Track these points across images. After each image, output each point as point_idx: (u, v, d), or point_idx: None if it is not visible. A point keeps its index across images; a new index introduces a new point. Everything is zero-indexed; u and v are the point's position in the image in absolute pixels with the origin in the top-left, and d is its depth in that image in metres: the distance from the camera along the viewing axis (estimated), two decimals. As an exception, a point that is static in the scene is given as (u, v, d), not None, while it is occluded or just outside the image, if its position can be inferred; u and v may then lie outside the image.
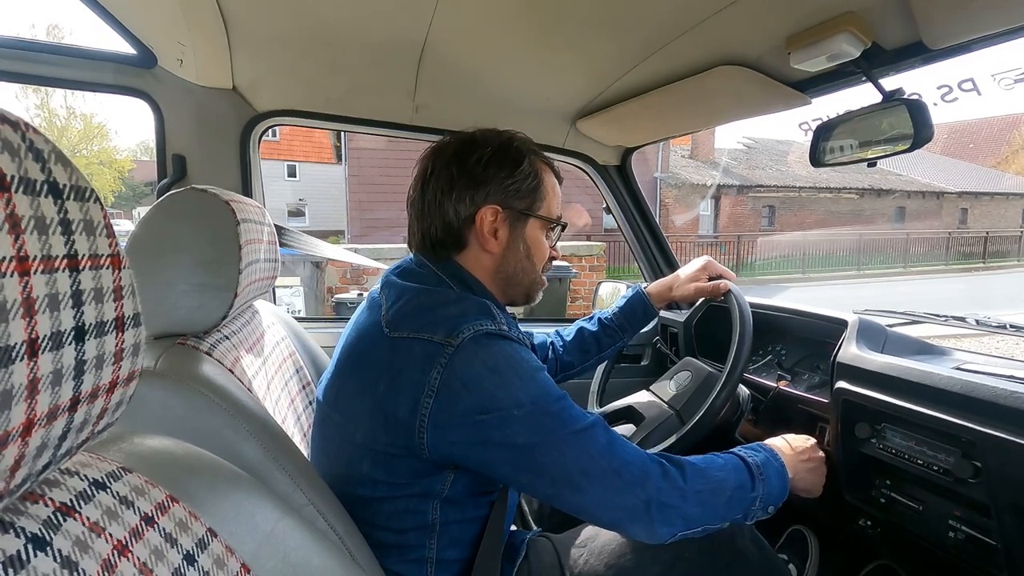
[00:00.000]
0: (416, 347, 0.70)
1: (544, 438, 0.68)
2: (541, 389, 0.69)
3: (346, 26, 1.02)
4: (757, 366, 1.37)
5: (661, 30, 0.98)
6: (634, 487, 0.69)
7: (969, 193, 19.36)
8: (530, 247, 0.84)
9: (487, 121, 1.48)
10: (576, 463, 0.68)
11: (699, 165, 16.16)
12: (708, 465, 0.77)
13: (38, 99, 17.38)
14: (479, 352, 0.69)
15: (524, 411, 0.67)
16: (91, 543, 0.33)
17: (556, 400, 0.70)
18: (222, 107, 1.27)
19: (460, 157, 0.80)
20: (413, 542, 0.76)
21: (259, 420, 0.68)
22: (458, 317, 0.71)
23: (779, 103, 1.17)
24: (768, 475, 0.81)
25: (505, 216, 0.81)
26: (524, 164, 0.81)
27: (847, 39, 0.86)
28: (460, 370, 0.67)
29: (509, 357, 0.70)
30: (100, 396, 0.32)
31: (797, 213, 16.82)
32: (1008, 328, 1.14)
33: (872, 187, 17.53)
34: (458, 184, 0.79)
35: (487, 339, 0.70)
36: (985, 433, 0.82)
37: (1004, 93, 9.39)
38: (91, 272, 0.30)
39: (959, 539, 0.91)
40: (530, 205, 0.83)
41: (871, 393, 1.01)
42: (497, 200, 0.80)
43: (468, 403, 0.67)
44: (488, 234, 0.80)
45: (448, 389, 0.67)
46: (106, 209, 0.33)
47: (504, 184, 0.80)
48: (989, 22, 0.79)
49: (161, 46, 1.12)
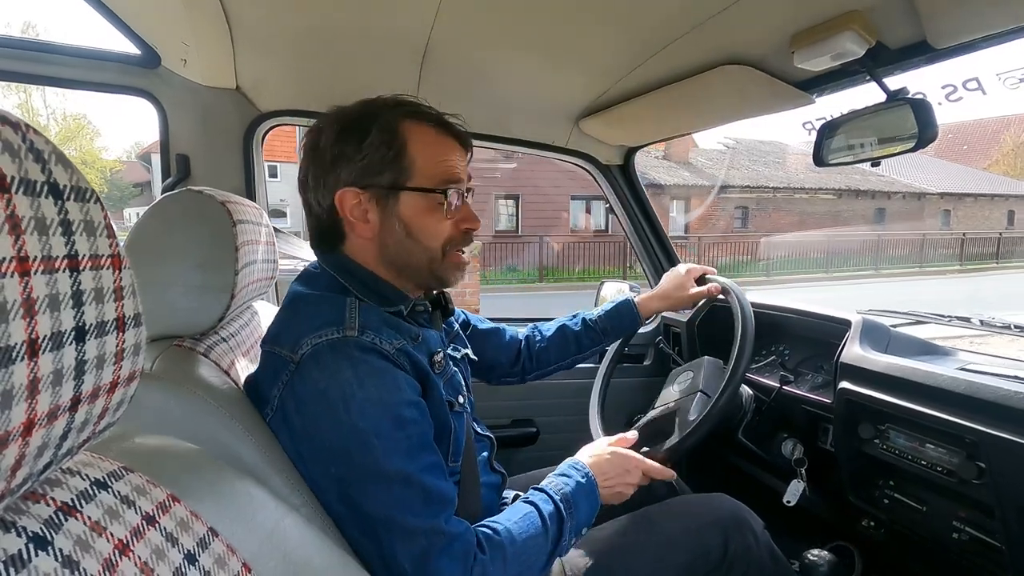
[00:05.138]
0: (269, 360, 0.72)
1: (358, 473, 0.64)
2: (366, 423, 0.64)
3: (349, 26, 1.02)
4: (760, 366, 1.36)
5: (664, 29, 0.98)
6: (450, 561, 0.64)
7: (952, 194, 18.89)
8: (408, 224, 0.74)
9: (490, 120, 1.50)
10: (384, 508, 0.64)
11: (671, 166, 15.86)
12: (522, 539, 0.71)
13: (19, 99, 17.42)
14: (314, 372, 0.66)
15: (342, 444, 0.64)
16: (92, 542, 0.33)
17: (378, 437, 0.64)
18: (226, 107, 1.27)
19: (311, 144, 0.74)
20: None
21: (255, 421, 0.69)
22: (303, 328, 0.69)
23: (783, 102, 1.17)
24: (577, 503, 0.77)
25: (370, 196, 0.72)
26: (372, 134, 0.71)
27: (851, 38, 0.86)
28: (298, 390, 0.67)
29: (342, 383, 0.65)
30: (101, 396, 0.32)
31: (772, 214, 16.50)
32: (1013, 328, 1.13)
33: (850, 188, 17.13)
34: (311, 173, 0.74)
35: (328, 352, 0.66)
36: (989, 434, 0.82)
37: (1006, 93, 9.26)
38: (91, 272, 0.30)
39: (963, 540, 0.91)
40: (395, 178, 0.73)
41: (874, 393, 1.01)
42: (352, 180, 0.72)
43: (297, 428, 0.67)
44: (356, 219, 0.73)
45: (282, 411, 0.68)
46: (107, 210, 0.33)
47: (354, 161, 0.71)
48: (994, 21, 0.79)
49: (165, 46, 1.13)
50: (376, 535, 0.64)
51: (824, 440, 1.17)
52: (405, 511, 0.64)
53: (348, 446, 0.64)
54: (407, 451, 0.66)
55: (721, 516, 0.94)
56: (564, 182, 13.02)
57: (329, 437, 0.65)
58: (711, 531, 0.91)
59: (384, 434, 0.64)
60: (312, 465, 0.67)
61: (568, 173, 12.27)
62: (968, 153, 25.30)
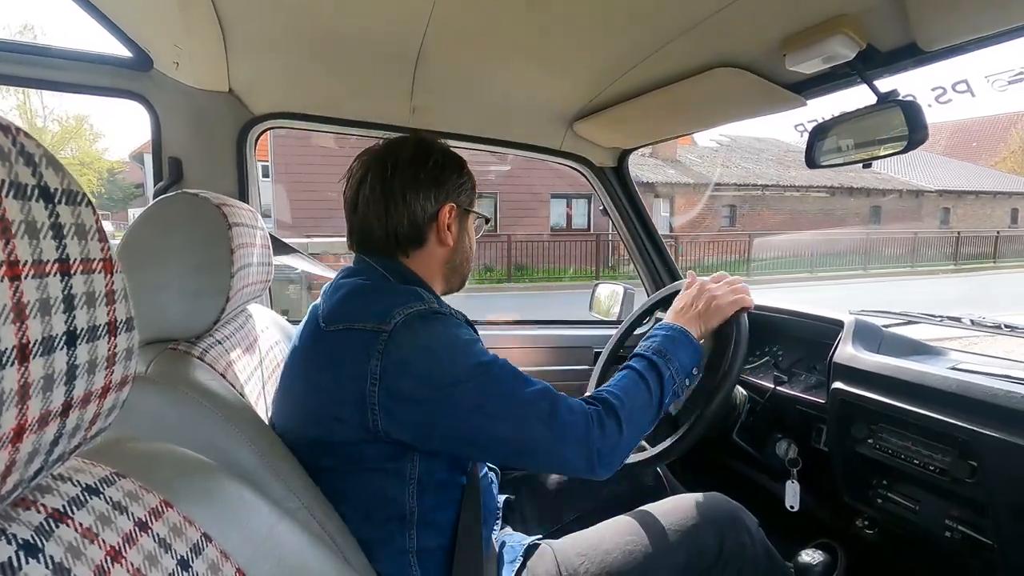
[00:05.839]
0: (352, 337, 0.73)
1: (487, 409, 0.71)
2: (476, 360, 0.73)
3: (343, 28, 1.02)
4: (754, 367, 1.37)
5: (657, 32, 0.98)
6: (577, 446, 0.74)
7: (951, 192, 18.52)
8: (471, 238, 0.95)
9: (485, 123, 1.50)
10: (520, 430, 0.73)
11: (657, 164, 15.57)
12: (626, 394, 0.82)
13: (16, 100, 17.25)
14: (412, 334, 0.72)
15: (463, 386, 0.71)
16: (84, 549, 0.33)
17: (493, 368, 0.74)
18: (219, 110, 1.27)
19: (420, 158, 0.86)
20: (394, 534, 0.77)
21: (252, 425, 0.68)
22: (388, 304, 0.74)
23: (775, 105, 1.18)
24: (671, 352, 0.88)
25: (457, 212, 0.89)
26: (466, 167, 0.92)
27: (842, 41, 0.87)
28: (396, 354, 0.70)
29: (442, 335, 0.74)
30: (93, 401, 0.32)
31: (760, 213, 16.17)
32: (1003, 328, 1.14)
33: (843, 186, 16.82)
34: (423, 183, 0.85)
35: (419, 320, 0.73)
36: (981, 433, 0.83)
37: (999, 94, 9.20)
38: (83, 276, 0.30)
39: (956, 538, 0.91)
40: (470, 202, 0.92)
41: (867, 393, 1.01)
42: (453, 198, 0.88)
43: (410, 386, 0.70)
44: (446, 229, 0.87)
45: (389, 375, 0.70)
46: (99, 213, 0.32)
47: (458, 183, 0.89)
48: (983, 24, 0.80)
49: (157, 49, 1.12)
50: (537, 446, 0.73)
51: (818, 440, 1.18)
52: (546, 419, 0.73)
53: (472, 385, 0.71)
54: (514, 374, 0.76)
55: (716, 515, 0.94)
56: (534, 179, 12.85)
57: (447, 383, 0.71)
58: (706, 530, 0.91)
59: (493, 364, 0.74)
60: (429, 423, 0.71)
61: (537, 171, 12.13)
62: (977, 151, 24.87)
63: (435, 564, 0.79)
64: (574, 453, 0.74)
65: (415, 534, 0.77)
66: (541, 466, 0.81)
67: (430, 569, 0.78)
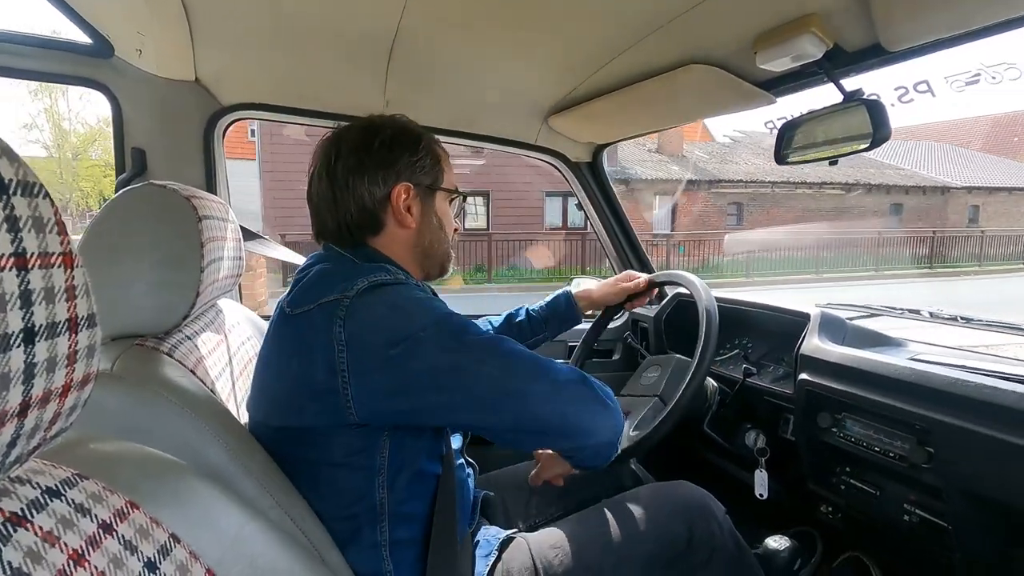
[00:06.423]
0: (316, 314, 0.72)
1: (460, 352, 0.71)
2: (441, 311, 0.74)
3: (314, 17, 1.00)
4: (724, 359, 1.40)
5: (631, 28, 0.99)
6: (568, 385, 0.76)
7: (981, 188, 16.82)
8: (441, 219, 0.90)
9: (459, 116, 1.49)
10: (503, 368, 0.73)
11: (661, 160, 14.94)
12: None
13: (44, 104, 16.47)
14: (376, 296, 0.72)
15: (430, 332, 0.70)
16: (44, 553, 0.32)
17: (459, 318, 0.74)
18: (184, 100, 1.23)
19: (365, 142, 0.83)
20: (364, 528, 0.76)
21: (223, 422, 0.67)
22: (352, 276, 0.74)
23: (746, 102, 1.20)
24: None
25: (416, 192, 0.85)
26: (423, 143, 0.87)
27: (810, 40, 0.89)
28: (361, 316, 0.70)
29: (406, 295, 0.74)
30: (52, 400, 0.31)
31: (769, 211, 15.31)
32: (959, 320, 1.19)
33: (859, 182, 15.59)
34: (369, 167, 0.82)
35: (381, 286, 0.73)
36: (937, 420, 0.86)
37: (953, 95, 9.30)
38: (41, 271, 0.29)
39: (913, 522, 0.95)
40: (435, 180, 0.88)
41: (832, 384, 1.05)
42: (407, 178, 0.84)
43: (377, 342, 0.69)
44: (404, 211, 0.84)
45: (355, 338, 0.69)
46: (57, 206, 0.31)
47: (411, 162, 0.85)
48: (943, 26, 0.83)
49: (118, 35, 1.08)
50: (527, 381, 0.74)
51: (785, 430, 1.21)
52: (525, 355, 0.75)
53: (440, 330, 0.71)
54: (480, 327, 0.75)
55: (685, 503, 0.97)
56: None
57: (413, 331, 0.70)
58: (676, 519, 0.93)
59: (458, 315, 0.74)
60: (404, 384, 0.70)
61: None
62: (1019, 145, 23.11)
63: (409, 557, 0.79)
64: (582, 399, 0.77)
65: (386, 527, 0.77)
66: (538, 406, 0.74)
67: (404, 563, 0.78)
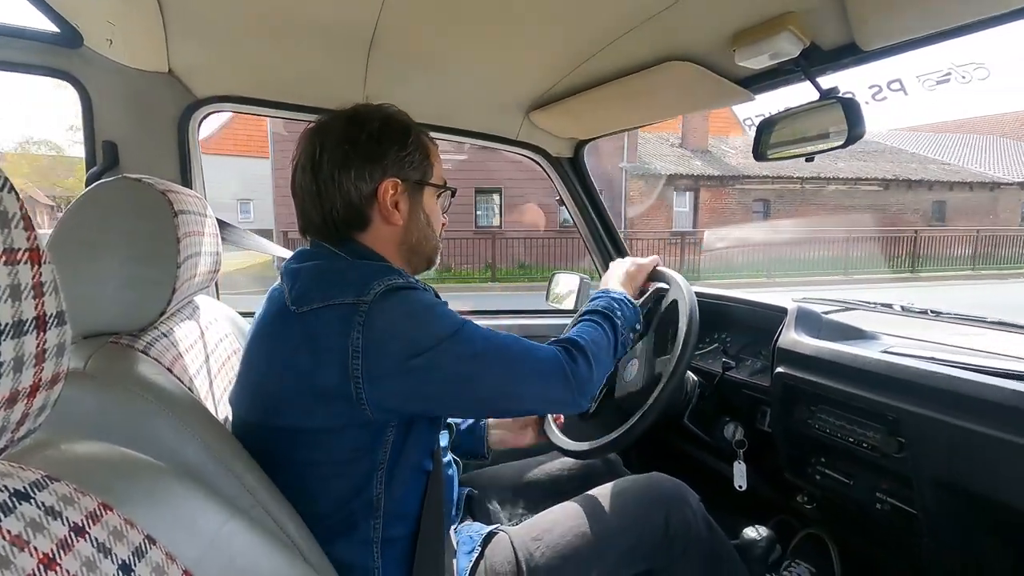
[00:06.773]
0: (329, 314, 0.71)
1: (474, 362, 0.74)
2: (456, 321, 0.75)
3: (291, 7, 0.98)
4: (703, 353, 1.42)
5: (612, 24, 0.99)
6: (555, 377, 0.79)
7: None
8: (429, 215, 0.88)
9: (440, 111, 1.48)
10: (505, 375, 0.76)
11: (684, 155, 14.35)
12: (589, 336, 0.87)
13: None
14: (393, 303, 0.72)
15: (446, 343, 0.72)
16: (13, 558, 0.31)
17: (468, 326, 0.76)
18: (157, 91, 1.20)
19: (350, 134, 0.80)
20: (359, 523, 0.76)
21: (201, 421, 0.66)
22: (365, 277, 0.73)
23: (724, 98, 1.21)
24: (616, 307, 0.95)
25: (404, 188, 0.83)
26: (412, 136, 0.84)
27: (788, 38, 0.90)
28: (379, 324, 0.70)
29: (419, 301, 0.74)
30: (20, 400, 0.30)
31: (799, 207, 14.45)
32: (929, 314, 1.22)
33: (898, 178, 14.51)
34: (355, 161, 0.79)
35: (396, 292, 0.73)
36: (908, 411, 0.89)
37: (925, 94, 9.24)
38: (6, 268, 0.28)
39: (885, 510, 0.98)
40: (423, 174, 0.86)
41: (808, 376, 1.07)
42: (395, 173, 0.82)
43: (396, 352, 0.70)
44: (391, 207, 0.82)
45: (373, 345, 0.69)
46: (23, 200, 0.30)
47: (399, 157, 0.82)
48: (916, 26, 0.84)
49: (87, 24, 1.05)
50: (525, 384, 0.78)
51: (763, 422, 1.24)
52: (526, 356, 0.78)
53: (454, 342, 0.73)
54: (481, 328, 0.78)
55: (662, 494, 0.98)
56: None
57: (432, 344, 0.71)
58: (653, 510, 0.95)
59: (466, 322, 0.76)
60: (420, 388, 0.72)
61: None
62: None
63: (397, 554, 0.79)
64: (554, 385, 0.79)
65: (381, 523, 0.77)
66: (527, 405, 0.81)
67: (392, 559, 0.78)
